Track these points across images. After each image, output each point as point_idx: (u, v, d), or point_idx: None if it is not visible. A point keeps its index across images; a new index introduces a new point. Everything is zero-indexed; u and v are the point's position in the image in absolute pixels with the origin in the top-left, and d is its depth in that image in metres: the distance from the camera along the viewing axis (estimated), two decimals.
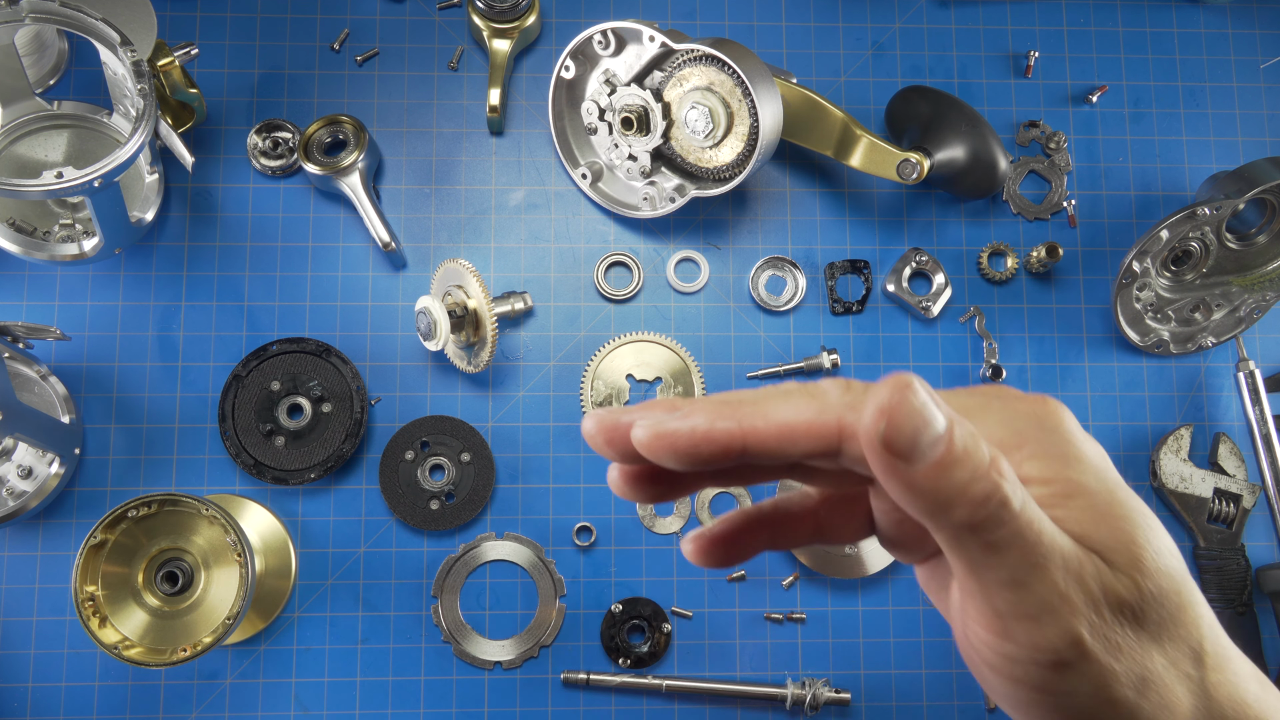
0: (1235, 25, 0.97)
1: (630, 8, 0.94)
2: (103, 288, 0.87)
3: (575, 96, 0.89)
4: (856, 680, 0.85)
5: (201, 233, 0.89)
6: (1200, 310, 0.89)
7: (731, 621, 0.86)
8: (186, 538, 0.77)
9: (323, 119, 0.88)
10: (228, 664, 0.83)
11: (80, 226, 0.85)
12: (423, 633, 0.84)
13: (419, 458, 0.85)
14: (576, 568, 0.86)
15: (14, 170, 0.85)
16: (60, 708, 0.82)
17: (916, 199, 0.92)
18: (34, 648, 0.83)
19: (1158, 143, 0.94)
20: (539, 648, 0.84)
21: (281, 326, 0.88)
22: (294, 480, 0.84)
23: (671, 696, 0.84)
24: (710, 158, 0.84)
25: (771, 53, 0.94)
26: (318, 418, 0.85)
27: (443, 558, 0.85)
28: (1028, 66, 0.94)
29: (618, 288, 0.90)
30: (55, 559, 0.84)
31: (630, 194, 0.90)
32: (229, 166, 0.90)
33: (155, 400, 0.86)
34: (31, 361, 0.83)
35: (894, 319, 0.90)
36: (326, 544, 0.85)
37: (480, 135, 0.92)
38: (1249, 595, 0.86)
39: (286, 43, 0.92)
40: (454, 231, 0.90)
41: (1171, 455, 0.88)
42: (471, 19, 0.90)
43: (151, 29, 0.81)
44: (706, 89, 0.81)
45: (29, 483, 0.81)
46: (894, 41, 0.95)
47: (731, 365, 0.89)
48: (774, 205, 0.92)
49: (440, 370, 0.88)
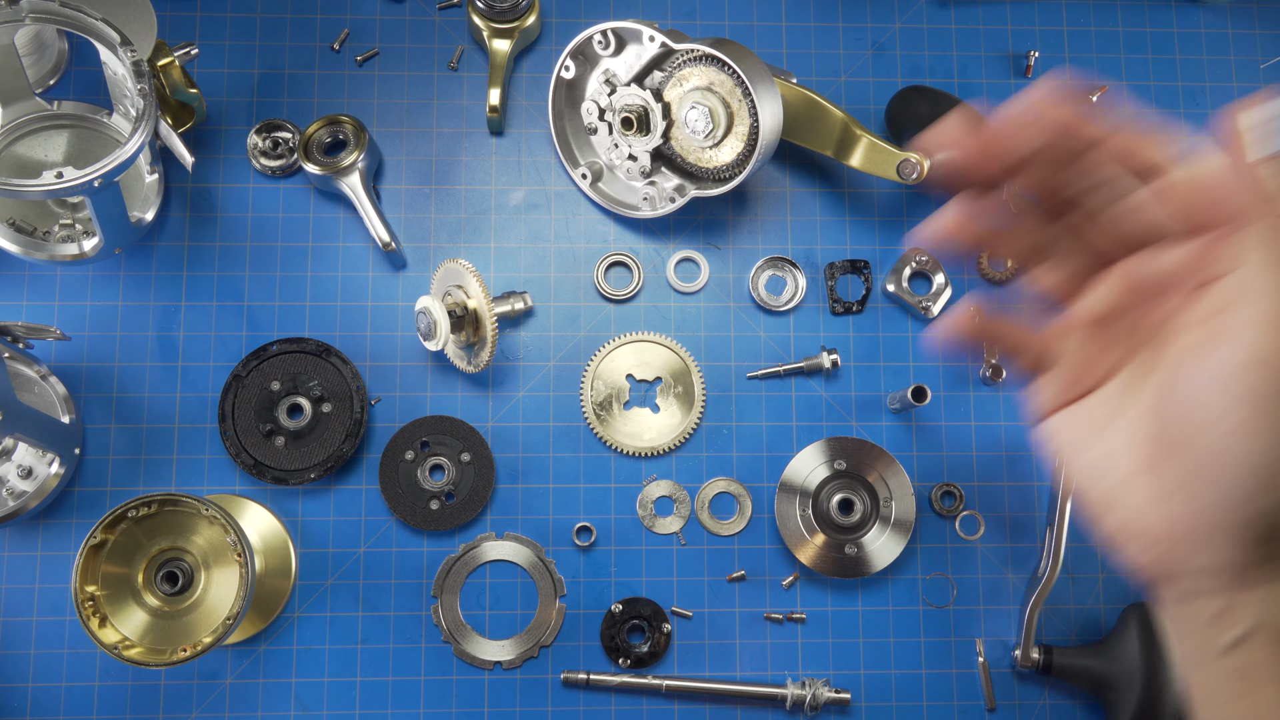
0: (1235, 25, 0.97)
1: (630, 8, 0.94)
2: (103, 288, 0.87)
3: (575, 96, 0.89)
4: (856, 680, 0.85)
5: (201, 233, 0.89)
6: None
7: (731, 621, 0.86)
8: (186, 538, 0.77)
9: (323, 119, 0.88)
10: (228, 664, 0.83)
11: (80, 226, 0.85)
12: (423, 633, 0.84)
13: (419, 458, 0.85)
14: (576, 568, 0.86)
15: (14, 170, 0.85)
16: (60, 708, 0.82)
17: (916, 199, 0.92)
18: (34, 648, 0.83)
19: None
20: (539, 648, 0.84)
21: (281, 326, 0.88)
22: (294, 480, 0.84)
23: (671, 696, 0.84)
24: (710, 158, 0.84)
25: (771, 53, 0.94)
26: (318, 418, 0.85)
27: (443, 558, 0.85)
28: (1028, 66, 0.94)
29: (618, 288, 0.90)
30: (55, 559, 0.84)
31: (630, 194, 0.90)
32: (229, 166, 0.90)
33: (155, 400, 0.86)
34: (31, 361, 0.83)
35: (894, 319, 0.90)
36: (326, 544, 0.85)
37: (480, 135, 0.92)
38: None
39: (286, 43, 0.92)
40: (454, 231, 0.90)
41: None
42: (471, 19, 0.90)
43: (151, 29, 0.81)
44: (706, 89, 0.81)
45: (29, 483, 0.81)
46: (894, 41, 0.95)
47: (731, 365, 0.89)
48: (774, 205, 0.92)
49: (440, 370, 0.88)
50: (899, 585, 0.87)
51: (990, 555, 0.87)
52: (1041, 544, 0.86)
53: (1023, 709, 0.85)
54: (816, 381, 0.89)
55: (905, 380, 0.89)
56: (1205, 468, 0.38)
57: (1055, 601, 0.86)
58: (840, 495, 0.85)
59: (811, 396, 0.89)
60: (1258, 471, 0.37)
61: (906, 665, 0.86)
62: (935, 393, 0.89)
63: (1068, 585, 0.87)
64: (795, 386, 0.89)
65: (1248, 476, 0.37)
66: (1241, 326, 0.36)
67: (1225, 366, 0.36)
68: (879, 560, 0.84)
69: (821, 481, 0.86)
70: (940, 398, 0.89)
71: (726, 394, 0.89)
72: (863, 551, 0.85)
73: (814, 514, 0.85)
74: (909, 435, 0.89)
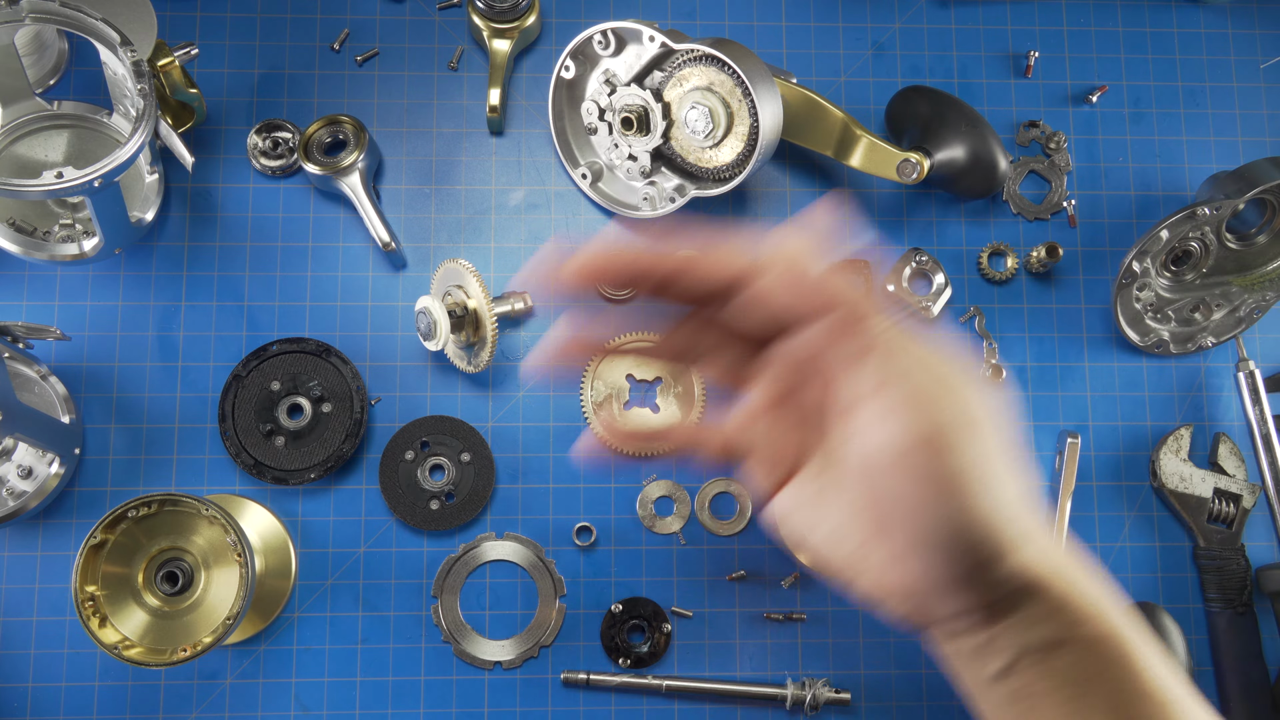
0: (1235, 25, 0.97)
1: (630, 8, 0.94)
2: (103, 288, 0.87)
3: (575, 96, 0.89)
4: (856, 680, 0.85)
5: (201, 233, 0.89)
6: (1200, 310, 0.89)
7: (731, 621, 0.86)
8: (186, 538, 0.77)
9: (323, 119, 0.88)
10: (228, 664, 0.83)
11: (80, 226, 0.85)
12: (423, 633, 0.85)
13: (419, 458, 0.85)
14: (576, 568, 0.86)
15: (14, 170, 0.85)
16: (60, 708, 0.82)
17: (916, 199, 0.92)
18: (34, 648, 0.83)
19: (1158, 143, 0.94)
20: (539, 648, 0.84)
21: (281, 326, 0.88)
22: (294, 480, 0.84)
23: (671, 696, 0.84)
24: (710, 158, 0.84)
25: (771, 53, 0.94)
26: (318, 418, 0.85)
27: (443, 558, 0.85)
28: (1028, 66, 0.94)
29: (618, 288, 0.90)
30: (55, 559, 0.84)
31: (630, 194, 0.90)
32: (229, 166, 0.90)
33: (155, 400, 0.86)
34: (31, 361, 0.83)
35: None
36: (326, 544, 0.85)
37: (480, 135, 0.92)
38: (1249, 595, 0.86)
39: (286, 43, 0.92)
40: (454, 231, 0.90)
41: (1171, 455, 0.88)
42: (471, 19, 0.90)
43: (151, 29, 0.81)
44: (706, 89, 0.81)
45: (29, 483, 0.81)
46: (894, 41, 0.95)
47: None
48: (774, 205, 0.92)
49: (440, 370, 0.88)
50: None
51: None
52: None
53: None
54: None
55: None
56: (915, 535, 0.41)
57: None
58: None
59: None
60: (956, 535, 0.40)
61: (906, 665, 0.86)
62: None
63: None
64: None
65: (949, 540, 0.40)
66: (894, 410, 0.40)
67: (894, 450, 0.40)
68: None
69: None
70: None
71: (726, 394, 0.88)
72: None
73: None
74: None
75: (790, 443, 0.47)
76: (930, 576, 0.42)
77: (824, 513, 0.45)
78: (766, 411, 0.47)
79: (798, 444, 0.47)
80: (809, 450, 0.46)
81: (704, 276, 0.44)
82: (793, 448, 0.47)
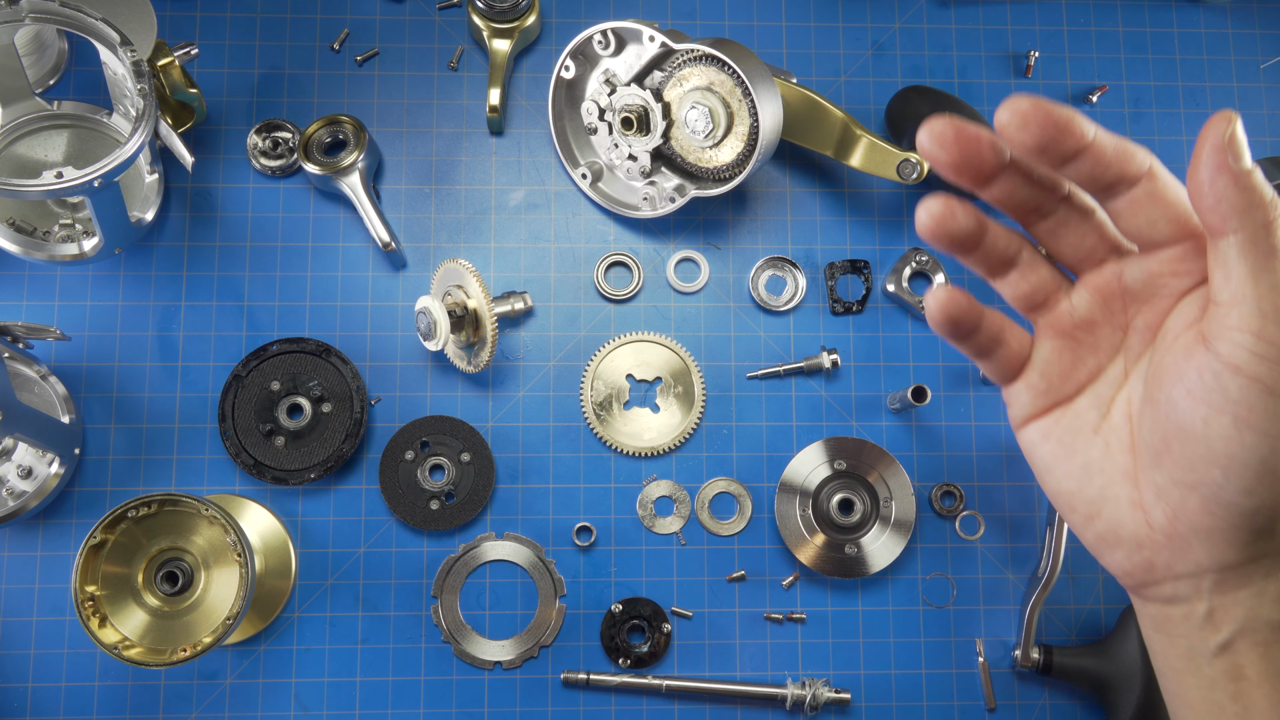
0: (1235, 25, 0.97)
1: (630, 8, 0.94)
2: (103, 288, 0.87)
3: (575, 96, 0.89)
4: (856, 680, 0.85)
5: (201, 233, 0.89)
6: None
7: (731, 621, 0.86)
8: (186, 538, 0.77)
9: (323, 119, 0.88)
10: (228, 664, 0.83)
11: (80, 226, 0.85)
12: (423, 633, 0.84)
13: (419, 458, 0.85)
14: (576, 568, 0.86)
15: (14, 170, 0.85)
16: (60, 708, 0.82)
17: (916, 199, 0.92)
18: (34, 648, 0.83)
19: (1158, 143, 0.94)
20: (539, 648, 0.84)
21: (281, 326, 0.88)
22: (294, 480, 0.84)
23: (671, 696, 0.84)
24: (710, 158, 0.84)
25: (771, 53, 0.94)
26: (318, 418, 0.85)
27: (443, 558, 0.85)
28: (1028, 66, 0.94)
29: (618, 288, 0.90)
30: (55, 559, 0.84)
31: (630, 194, 0.90)
32: (229, 166, 0.90)
33: (155, 400, 0.86)
34: (31, 361, 0.83)
35: (894, 319, 0.90)
36: (326, 544, 0.85)
37: (480, 135, 0.92)
38: None
39: (286, 43, 0.92)
40: (454, 231, 0.90)
41: None
42: (471, 19, 0.90)
43: (151, 29, 0.81)
44: (706, 89, 0.81)
45: (29, 483, 0.81)
46: (894, 41, 0.95)
47: (731, 365, 0.89)
48: (774, 205, 0.92)
49: (440, 370, 0.88)
50: (899, 585, 0.87)
51: (990, 555, 0.87)
52: (1041, 544, 0.86)
53: (1023, 709, 0.85)
54: (816, 381, 0.89)
55: (905, 380, 0.89)
56: (1193, 471, 0.39)
57: (1055, 601, 0.86)
58: (840, 495, 0.85)
59: (811, 396, 0.89)
60: (1245, 472, 0.38)
61: (906, 665, 0.86)
62: (935, 393, 0.89)
63: (1068, 585, 0.87)
64: (795, 386, 0.89)
65: (1235, 478, 0.38)
66: (1219, 334, 0.37)
67: (1206, 374, 0.38)
68: (879, 560, 0.84)
69: (821, 481, 0.86)
70: (940, 398, 0.89)
71: (726, 394, 0.89)
72: (863, 551, 0.85)
73: (814, 514, 0.85)
74: (909, 435, 0.89)
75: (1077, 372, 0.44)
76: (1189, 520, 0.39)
77: (1086, 443, 0.43)
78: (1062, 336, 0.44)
79: (1086, 373, 0.44)
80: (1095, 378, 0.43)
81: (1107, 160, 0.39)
82: (1078, 377, 0.44)
